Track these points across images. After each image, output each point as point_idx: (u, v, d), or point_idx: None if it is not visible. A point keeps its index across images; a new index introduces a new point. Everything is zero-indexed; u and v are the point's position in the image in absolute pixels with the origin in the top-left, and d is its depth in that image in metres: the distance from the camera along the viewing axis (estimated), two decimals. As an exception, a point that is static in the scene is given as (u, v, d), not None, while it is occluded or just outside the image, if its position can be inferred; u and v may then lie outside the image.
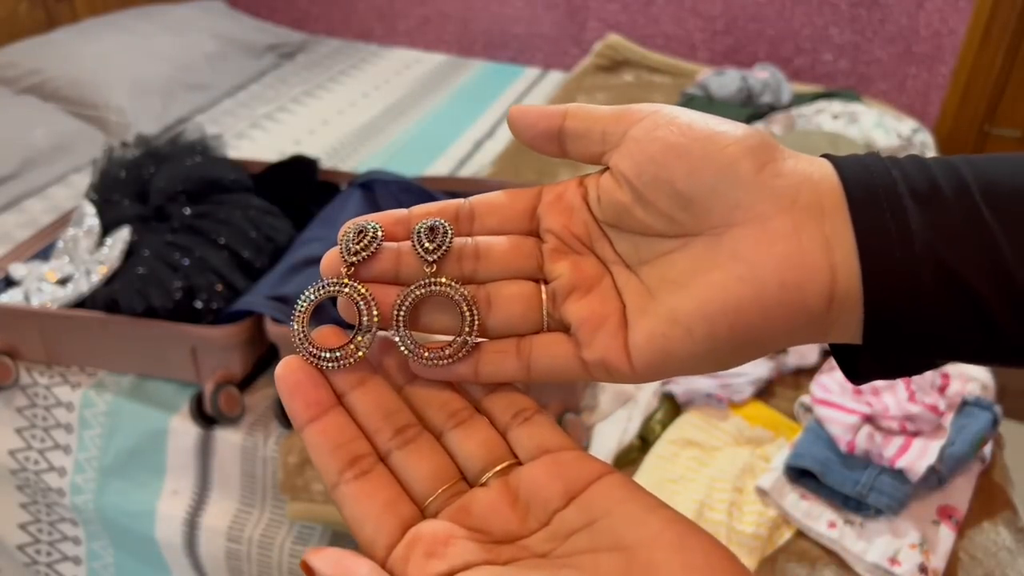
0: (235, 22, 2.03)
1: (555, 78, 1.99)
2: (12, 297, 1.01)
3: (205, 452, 0.97)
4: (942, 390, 0.88)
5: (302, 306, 0.25)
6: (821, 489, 0.81)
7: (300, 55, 2.09)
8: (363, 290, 0.25)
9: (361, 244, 0.25)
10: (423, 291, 0.25)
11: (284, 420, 0.92)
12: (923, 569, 0.75)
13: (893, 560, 0.76)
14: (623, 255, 0.25)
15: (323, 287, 0.25)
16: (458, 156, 1.58)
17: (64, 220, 1.13)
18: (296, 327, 0.25)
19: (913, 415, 0.83)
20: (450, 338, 0.25)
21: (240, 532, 0.96)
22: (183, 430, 0.96)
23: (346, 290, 0.25)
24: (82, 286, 1.00)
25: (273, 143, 1.62)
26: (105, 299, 0.96)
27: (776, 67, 1.80)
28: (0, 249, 1.23)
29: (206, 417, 0.94)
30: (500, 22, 2.12)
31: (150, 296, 0.94)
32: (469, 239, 0.26)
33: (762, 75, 1.68)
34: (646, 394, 0.92)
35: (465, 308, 0.25)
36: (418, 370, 0.26)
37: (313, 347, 0.25)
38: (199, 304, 0.95)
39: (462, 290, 0.25)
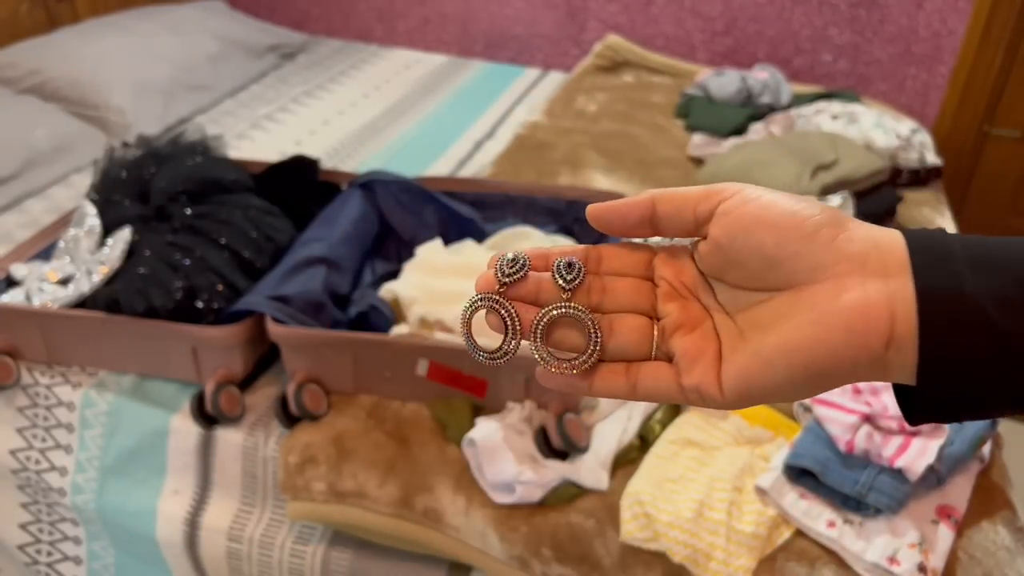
0: (236, 23, 2.03)
1: (555, 79, 1.99)
2: (13, 297, 1.01)
3: (206, 452, 0.97)
4: (941, 390, 0.88)
5: (466, 312, 0.31)
6: (820, 488, 0.81)
7: (301, 56, 2.09)
8: (510, 306, 0.31)
9: (513, 269, 0.30)
10: (558, 312, 0.30)
11: (285, 420, 0.92)
12: (922, 568, 0.76)
13: (892, 559, 0.76)
14: (723, 303, 0.30)
15: (479, 300, 0.31)
16: (458, 156, 1.59)
17: (65, 220, 1.13)
18: (462, 329, 0.32)
19: (912, 415, 0.83)
20: (574, 355, 0.31)
21: (241, 532, 0.96)
22: (184, 430, 0.97)
23: (496, 305, 0.30)
24: (83, 286, 1.00)
25: (274, 143, 1.62)
26: (106, 299, 0.96)
27: (776, 67, 1.80)
28: (1, 249, 1.23)
29: (207, 417, 0.94)
30: (500, 23, 2.13)
31: (151, 296, 0.95)
32: (597, 277, 0.32)
33: (761, 76, 1.69)
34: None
35: (592, 331, 0.30)
36: (543, 377, 0.31)
37: (477, 346, 0.32)
38: (200, 304, 0.96)
39: (591, 316, 0.30)
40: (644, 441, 0.90)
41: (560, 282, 0.30)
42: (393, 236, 1.18)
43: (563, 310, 0.30)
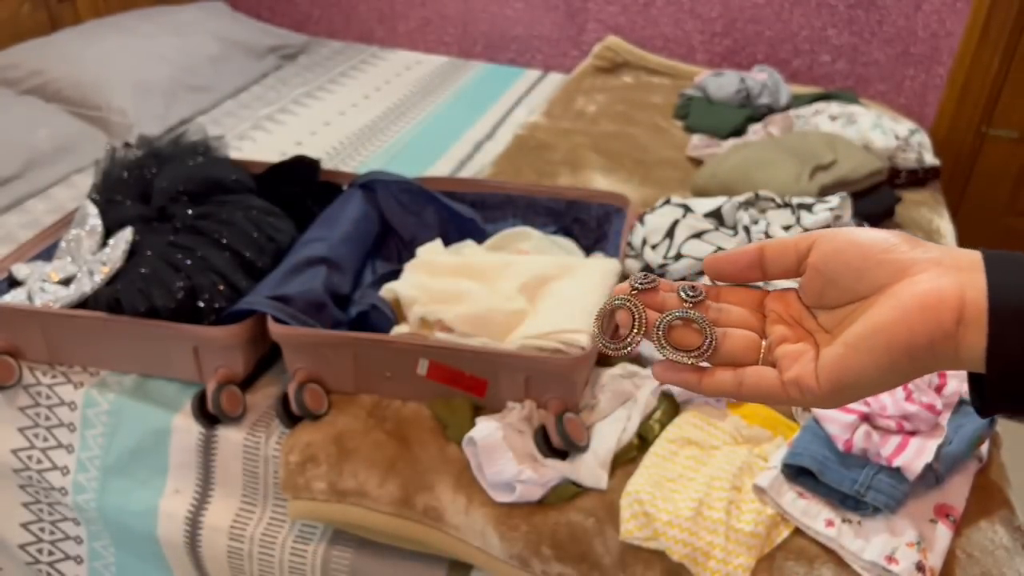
0: (237, 24, 2.04)
1: (555, 80, 1.99)
2: (15, 297, 1.01)
3: (207, 451, 0.97)
4: (939, 389, 0.89)
5: (602, 310, 0.36)
6: (819, 487, 0.81)
7: (302, 57, 2.10)
8: (640, 307, 0.36)
9: (645, 282, 0.36)
10: (680, 314, 0.36)
11: (286, 419, 0.93)
12: (920, 567, 0.76)
13: (891, 558, 0.76)
14: (823, 324, 0.35)
15: (615, 301, 0.36)
16: (458, 157, 1.59)
17: (67, 220, 1.14)
18: (596, 324, 0.37)
19: (910, 414, 0.83)
20: (691, 350, 0.35)
21: (242, 531, 0.96)
22: (185, 429, 0.97)
23: (629, 304, 0.36)
24: (84, 286, 1.00)
25: (275, 144, 1.62)
26: (107, 299, 0.96)
27: (774, 68, 1.80)
28: (3, 249, 1.23)
29: (208, 416, 0.94)
30: (500, 24, 2.13)
31: (152, 296, 0.95)
32: (715, 302, 0.37)
33: (760, 77, 1.69)
34: (645, 393, 0.93)
35: (708, 332, 0.35)
36: (661, 369, 0.36)
37: (605, 337, 0.37)
38: (201, 304, 0.96)
39: (708, 321, 0.35)
40: (643, 440, 0.90)
41: (683, 297, 0.36)
42: (394, 236, 1.19)
43: (684, 314, 0.36)
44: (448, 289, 0.98)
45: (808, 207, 1.15)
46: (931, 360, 0.31)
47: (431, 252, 1.07)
